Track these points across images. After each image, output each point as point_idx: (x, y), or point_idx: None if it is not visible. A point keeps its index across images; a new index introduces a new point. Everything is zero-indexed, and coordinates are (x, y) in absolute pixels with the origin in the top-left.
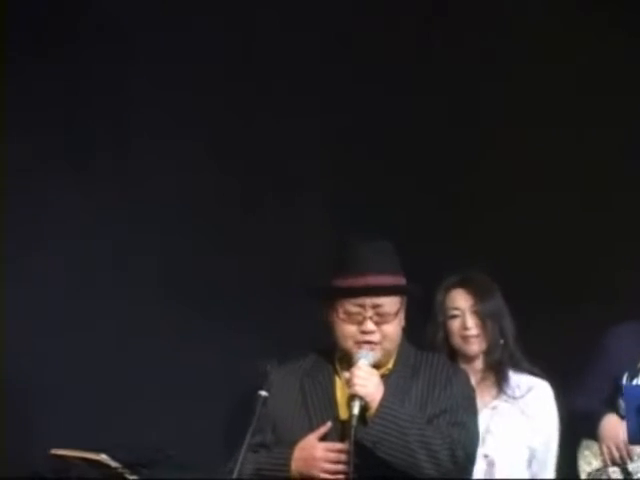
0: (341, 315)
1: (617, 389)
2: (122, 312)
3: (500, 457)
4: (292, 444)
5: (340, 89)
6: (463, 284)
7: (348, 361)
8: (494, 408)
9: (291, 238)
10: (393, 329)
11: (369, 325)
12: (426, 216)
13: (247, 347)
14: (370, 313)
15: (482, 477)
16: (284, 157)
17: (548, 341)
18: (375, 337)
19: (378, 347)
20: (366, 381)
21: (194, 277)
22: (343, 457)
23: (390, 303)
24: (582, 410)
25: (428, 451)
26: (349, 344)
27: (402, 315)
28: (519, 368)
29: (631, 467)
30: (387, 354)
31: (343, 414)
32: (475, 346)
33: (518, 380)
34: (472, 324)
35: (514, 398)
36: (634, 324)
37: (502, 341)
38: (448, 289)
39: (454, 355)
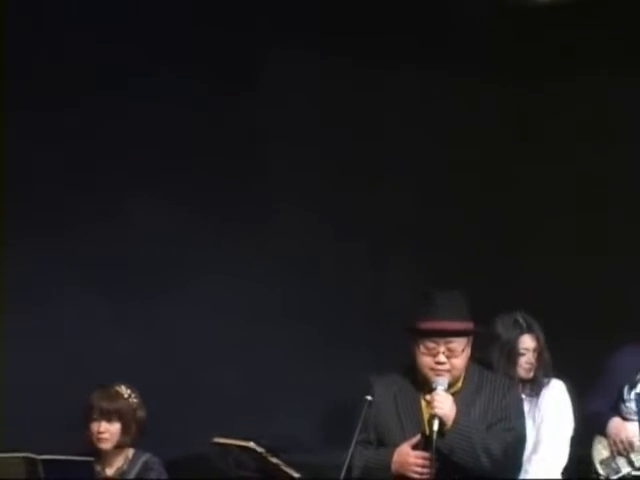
0: (422, 349)
1: (620, 397)
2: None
3: None
4: (390, 446)
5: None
6: (529, 331)
7: (428, 385)
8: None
9: (388, 285)
10: (460, 362)
11: (441, 358)
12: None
13: (352, 363)
14: (443, 349)
15: None
16: (380, 225)
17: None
18: (445, 367)
19: (448, 374)
20: (443, 404)
21: (320, 312)
22: (428, 463)
23: (458, 342)
24: (594, 413)
25: (487, 453)
26: (426, 371)
27: (468, 350)
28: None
29: (633, 457)
30: (454, 379)
31: (425, 428)
32: (531, 373)
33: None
34: (533, 360)
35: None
36: (631, 347)
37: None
38: (520, 334)
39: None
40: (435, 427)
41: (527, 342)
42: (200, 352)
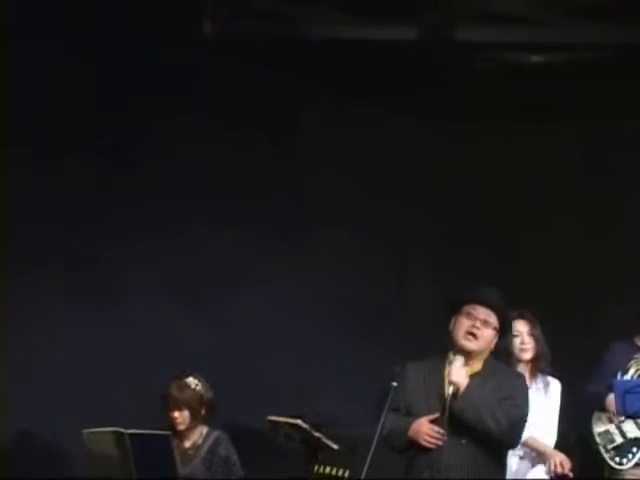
0: (463, 314)
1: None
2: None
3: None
4: (414, 416)
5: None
6: (522, 317)
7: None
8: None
9: (410, 291)
10: (486, 335)
11: (478, 323)
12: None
13: (381, 354)
14: (481, 316)
15: None
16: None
17: (576, 353)
18: (479, 332)
19: (475, 341)
20: (457, 374)
21: (354, 313)
22: (438, 436)
23: (493, 319)
24: (595, 393)
25: (493, 417)
26: (460, 335)
27: (493, 337)
28: (546, 372)
29: (624, 428)
30: (477, 350)
31: (446, 392)
32: (527, 355)
33: (544, 378)
34: (526, 341)
35: (538, 388)
36: (622, 342)
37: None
38: (514, 318)
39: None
40: (450, 391)
41: (519, 326)
42: (256, 346)
